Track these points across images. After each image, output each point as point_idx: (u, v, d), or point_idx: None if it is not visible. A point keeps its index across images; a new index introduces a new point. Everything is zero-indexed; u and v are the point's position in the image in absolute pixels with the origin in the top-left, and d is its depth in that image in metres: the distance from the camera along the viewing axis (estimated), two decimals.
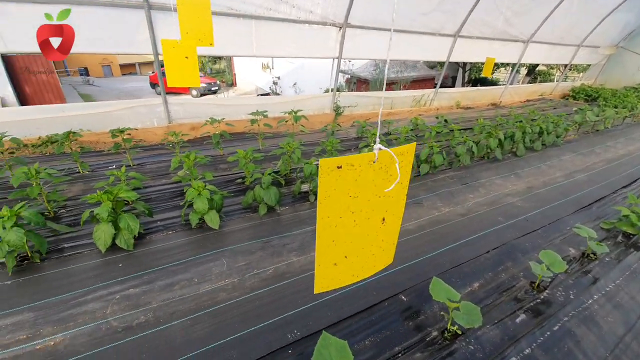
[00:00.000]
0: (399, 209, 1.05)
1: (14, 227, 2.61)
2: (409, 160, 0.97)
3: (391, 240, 1.11)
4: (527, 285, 2.85)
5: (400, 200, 1.04)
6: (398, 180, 0.89)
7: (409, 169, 0.98)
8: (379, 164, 0.89)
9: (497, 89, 11.94)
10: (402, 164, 0.95)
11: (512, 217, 3.98)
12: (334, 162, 0.81)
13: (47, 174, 3.38)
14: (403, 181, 1.00)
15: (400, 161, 0.94)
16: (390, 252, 1.15)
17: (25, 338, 2.20)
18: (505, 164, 5.82)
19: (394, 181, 0.91)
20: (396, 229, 1.10)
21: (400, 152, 0.92)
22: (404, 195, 1.04)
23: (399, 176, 0.88)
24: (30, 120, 5.16)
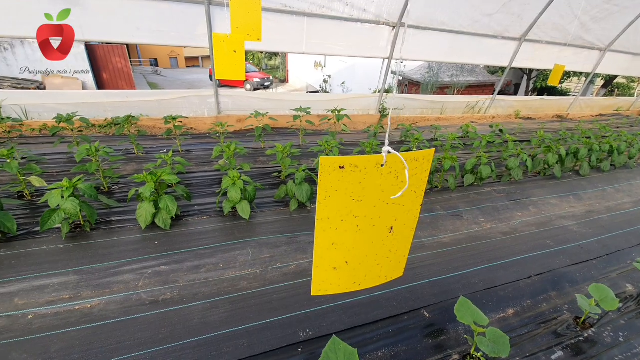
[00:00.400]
0: (410, 219, 0.97)
1: (71, 197, 2.90)
2: (424, 168, 0.88)
3: (401, 252, 1.03)
4: (571, 320, 2.53)
5: (412, 210, 0.95)
6: (406, 188, 0.81)
7: (424, 177, 0.90)
8: (387, 169, 0.82)
9: (564, 100, 10.84)
10: (416, 171, 0.87)
11: (564, 242, 3.57)
12: (336, 161, 0.76)
13: (105, 152, 3.72)
14: (416, 190, 0.91)
15: (413, 168, 0.86)
16: (399, 264, 1.07)
17: (68, 298, 2.44)
18: (564, 183, 5.25)
19: (401, 183, 0.83)
20: (407, 241, 1.02)
21: (414, 158, 0.84)
22: (417, 205, 0.96)
23: (407, 183, 0.80)
24: (99, 103, 5.73)
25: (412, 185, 0.89)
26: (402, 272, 1.11)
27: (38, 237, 3.01)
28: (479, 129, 7.39)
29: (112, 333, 2.17)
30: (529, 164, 4.90)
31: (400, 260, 1.06)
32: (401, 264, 1.08)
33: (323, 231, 0.86)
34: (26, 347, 2.03)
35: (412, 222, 0.98)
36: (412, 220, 0.98)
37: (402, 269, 1.10)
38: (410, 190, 0.89)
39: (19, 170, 3.42)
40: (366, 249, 0.95)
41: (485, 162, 4.56)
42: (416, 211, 0.97)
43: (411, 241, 1.03)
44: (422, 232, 3.58)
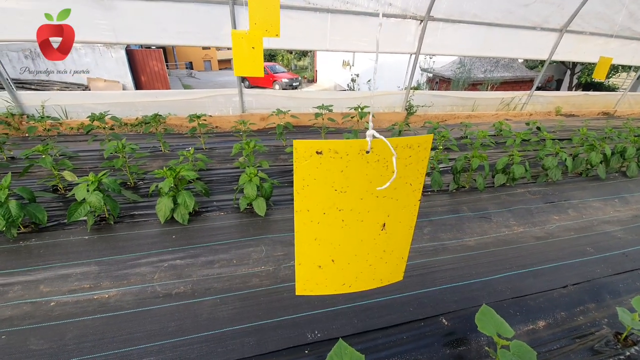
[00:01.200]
0: (407, 216, 0.86)
1: (96, 191, 3.02)
2: (421, 157, 0.77)
3: (397, 253, 0.92)
4: (611, 336, 2.25)
5: (408, 206, 0.84)
6: (394, 178, 0.70)
7: (421, 167, 0.79)
8: (374, 156, 0.72)
9: (611, 96, 9.94)
10: (411, 160, 0.76)
11: (606, 249, 3.22)
12: (313, 145, 0.68)
13: (131, 148, 3.85)
14: (412, 182, 0.80)
15: (407, 156, 0.75)
16: (396, 267, 0.95)
17: (88, 287, 2.53)
18: (608, 185, 4.77)
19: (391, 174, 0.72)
20: (404, 241, 0.90)
21: (407, 145, 0.73)
22: (414, 200, 0.84)
23: (395, 173, 0.69)
24: (131, 103, 6.00)
25: (406, 177, 0.78)
26: (401, 276, 0.99)
27: (67, 228, 3.17)
28: (514, 127, 6.94)
29: (125, 324, 2.21)
30: (569, 164, 4.50)
31: (397, 263, 0.95)
32: (399, 267, 0.96)
33: (303, 225, 0.77)
34: (44, 333, 2.11)
35: (408, 220, 0.87)
36: (408, 217, 0.86)
37: (401, 272, 0.99)
38: (404, 182, 0.78)
39: (53, 165, 3.63)
40: (355, 247, 0.85)
41: (518, 160, 4.24)
42: (413, 207, 0.85)
43: (410, 241, 0.92)
44: (444, 233, 3.37)
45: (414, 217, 0.87)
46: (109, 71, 15.33)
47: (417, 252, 3.06)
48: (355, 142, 0.68)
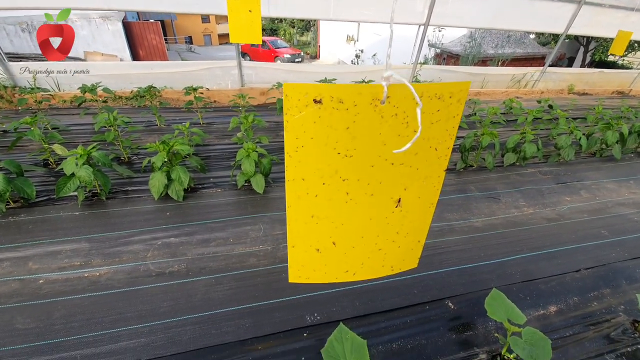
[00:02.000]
0: (428, 190, 0.68)
1: (85, 165, 2.86)
2: (452, 112, 0.59)
3: (413, 235, 0.76)
4: (628, 324, 2.14)
5: (430, 177, 0.67)
6: (417, 136, 0.52)
7: (451, 126, 0.61)
8: (391, 109, 0.54)
9: (627, 74, 9.50)
10: (440, 116, 0.58)
11: (622, 232, 3.07)
12: (309, 90, 0.50)
13: (123, 121, 3.66)
14: (438, 146, 0.63)
15: (434, 110, 0.57)
16: (411, 252, 0.79)
17: (79, 265, 2.42)
18: (624, 166, 4.56)
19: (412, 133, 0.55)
20: (422, 221, 0.73)
21: (435, 94, 0.55)
22: (439, 169, 0.67)
23: (418, 131, 0.52)
24: (125, 75, 5.73)
25: (430, 139, 0.60)
26: (416, 263, 0.84)
27: (57, 204, 3.03)
28: (525, 105, 6.63)
29: (115, 303, 2.11)
30: (584, 143, 4.28)
31: (412, 247, 0.78)
32: (414, 252, 0.80)
33: (297, 198, 0.61)
34: (31, 312, 2.02)
35: (430, 195, 0.70)
36: (430, 191, 0.69)
37: (417, 258, 0.83)
38: (428, 145, 0.61)
39: (42, 138, 3.45)
40: (362, 228, 0.68)
41: (530, 139, 4.02)
42: (437, 179, 0.68)
43: (429, 222, 0.75)
44: (451, 214, 3.22)
45: (436, 191, 0.70)
46: (106, 45, 14.84)
47: None
48: (367, 87, 0.51)
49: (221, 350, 1.84)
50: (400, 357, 1.86)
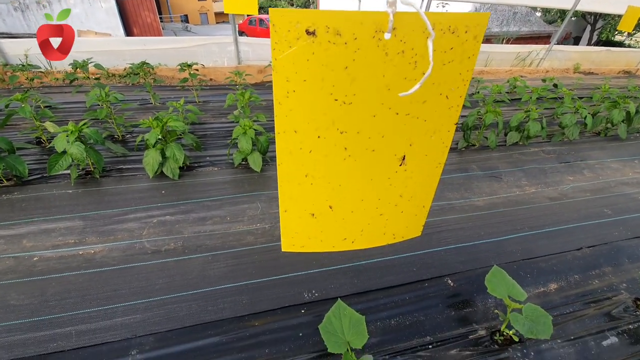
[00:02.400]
0: (436, 146, 0.61)
1: (77, 141, 2.78)
2: (468, 51, 0.51)
3: (418, 199, 0.69)
4: (629, 302, 2.12)
5: (439, 131, 0.59)
6: (427, 75, 0.45)
7: (466, 69, 0.53)
8: (397, 44, 0.46)
9: (634, 52, 9.26)
10: (453, 55, 0.50)
11: (625, 211, 3.02)
12: (300, 18, 0.42)
13: (115, 97, 3.54)
14: (449, 94, 0.55)
15: (447, 47, 0.49)
16: (415, 218, 0.73)
17: (73, 242, 2.38)
18: (629, 145, 4.48)
19: (421, 75, 0.47)
20: (428, 183, 0.66)
21: (448, 27, 0.47)
22: (449, 122, 0.59)
23: (430, 65, 0.44)
24: (118, 51, 5.55)
25: (441, 83, 0.52)
26: (420, 231, 0.77)
27: (50, 182, 2.97)
28: (529, 84, 6.46)
29: (110, 280, 2.08)
30: (589, 122, 4.18)
31: (416, 213, 0.72)
32: (418, 219, 0.74)
33: (289, 154, 0.54)
34: (25, 289, 1.99)
35: (438, 152, 0.62)
36: (438, 148, 0.61)
37: (421, 226, 0.76)
38: (438, 92, 0.53)
39: (33, 115, 3.35)
40: (362, 189, 0.62)
41: (534, 117, 3.92)
42: (447, 134, 0.60)
43: (436, 185, 0.68)
44: (452, 193, 3.17)
45: (445, 148, 0.62)
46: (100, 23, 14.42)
47: None
48: (369, 15, 0.42)
49: (218, 327, 1.82)
50: (398, 333, 1.84)
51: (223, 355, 1.69)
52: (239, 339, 1.77)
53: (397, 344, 1.79)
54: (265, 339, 1.77)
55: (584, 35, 16.81)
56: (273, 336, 1.79)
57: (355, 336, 1.52)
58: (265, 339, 1.77)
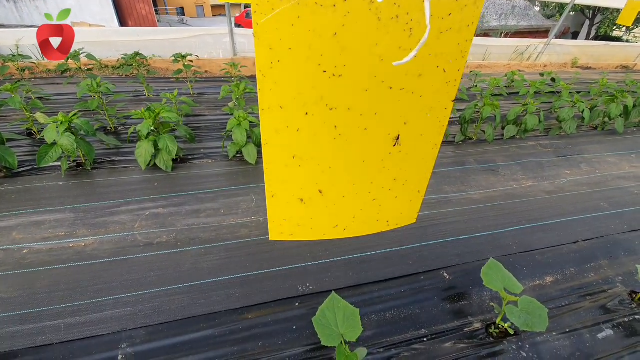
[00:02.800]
0: (432, 125, 0.57)
1: (67, 132, 2.71)
2: (467, 19, 0.46)
3: (413, 183, 0.65)
4: (625, 295, 2.11)
5: (436, 108, 0.55)
6: (424, 41, 0.41)
7: (464, 39, 0.48)
8: (391, 6, 0.42)
9: (632, 47, 9.25)
10: (451, 23, 0.46)
11: (621, 205, 3.02)
12: None
13: (106, 88, 3.47)
14: (447, 67, 0.51)
15: (445, 14, 0.45)
16: (409, 203, 0.69)
17: (63, 235, 2.33)
18: (626, 139, 4.47)
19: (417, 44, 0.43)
20: (424, 165, 0.62)
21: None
22: (447, 98, 0.55)
23: (427, 31, 0.40)
24: (111, 42, 5.44)
25: (438, 54, 0.48)
26: (414, 218, 0.74)
27: (41, 174, 2.91)
28: (528, 78, 6.44)
29: (101, 273, 2.04)
30: (586, 116, 4.16)
31: (411, 198, 0.68)
32: (413, 205, 0.70)
33: (275, 132, 0.50)
34: (14, 281, 1.95)
35: (434, 132, 0.58)
36: (435, 127, 0.57)
37: (416, 212, 0.73)
38: (435, 63, 0.49)
39: (23, 106, 3.28)
40: (353, 172, 0.58)
41: (532, 110, 3.89)
42: (444, 112, 0.56)
43: (432, 167, 0.65)
44: (449, 186, 3.14)
45: (442, 128, 0.58)
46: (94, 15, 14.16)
47: None
48: None
49: (210, 320, 1.79)
50: (393, 326, 1.82)
51: (215, 349, 1.66)
52: (232, 332, 1.74)
53: (392, 336, 1.77)
54: (259, 332, 1.75)
55: (582, 30, 16.77)
56: (266, 329, 1.77)
57: (349, 329, 1.50)
58: (258, 332, 1.75)
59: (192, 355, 1.64)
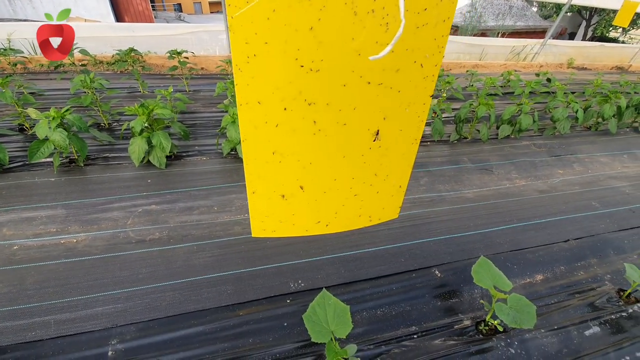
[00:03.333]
0: (411, 120, 0.57)
1: (59, 128, 2.69)
2: (443, 13, 0.47)
3: (394, 178, 0.65)
4: (613, 293, 2.14)
5: (414, 103, 0.55)
6: (399, 35, 0.41)
7: (440, 34, 0.49)
8: (366, 0, 0.42)
9: (627, 49, 9.32)
10: (427, 18, 0.46)
11: (612, 204, 3.05)
12: None
13: (100, 84, 3.45)
14: (424, 61, 0.51)
15: (423, 9, 0.45)
16: (391, 198, 0.69)
17: (55, 231, 2.32)
18: (619, 140, 4.51)
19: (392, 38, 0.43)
20: (404, 160, 0.63)
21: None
22: (425, 93, 0.56)
23: (402, 25, 0.40)
24: (106, 38, 5.40)
25: (415, 49, 0.48)
26: (397, 213, 0.75)
27: (32, 169, 2.89)
28: (523, 78, 6.47)
29: (92, 269, 2.03)
30: (580, 116, 4.19)
31: (393, 193, 0.68)
32: (395, 199, 0.71)
33: (254, 128, 0.50)
34: (4, 277, 1.93)
35: (414, 127, 0.58)
36: (414, 122, 0.58)
37: (398, 207, 0.73)
38: (412, 58, 0.49)
39: (15, 101, 3.25)
40: (334, 168, 0.58)
41: (526, 110, 3.91)
42: (422, 107, 0.57)
43: (412, 162, 0.65)
44: (442, 185, 3.16)
45: (421, 123, 0.59)
46: (89, 10, 14.02)
47: (412, 202, 2.86)
48: None
49: (201, 316, 1.79)
50: (384, 323, 1.84)
51: (206, 345, 1.66)
52: (223, 328, 1.74)
53: (382, 333, 1.78)
54: (249, 329, 1.75)
55: (579, 31, 16.86)
56: (257, 326, 1.77)
57: (340, 326, 1.50)
58: (249, 329, 1.75)
59: (182, 351, 1.64)
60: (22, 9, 12.26)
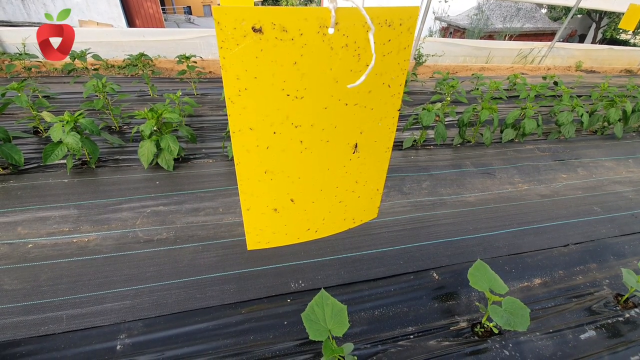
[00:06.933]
0: (383, 132, 0.64)
1: (72, 131, 2.81)
2: (403, 42, 0.53)
3: (372, 183, 0.72)
4: (611, 297, 2.16)
5: (385, 118, 0.62)
6: (371, 67, 0.47)
7: (403, 59, 0.55)
8: (341, 38, 0.49)
9: (636, 52, 9.18)
10: (391, 47, 0.53)
11: (614, 209, 3.05)
12: (246, 16, 0.44)
13: (111, 88, 3.57)
14: (391, 82, 0.58)
15: (385, 40, 0.52)
16: (371, 201, 0.76)
17: (67, 230, 2.43)
18: (624, 145, 4.48)
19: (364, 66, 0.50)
20: (380, 167, 0.70)
21: (385, 20, 0.50)
22: (393, 109, 0.62)
23: (373, 57, 0.46)
24: (117, 42, 5.55)
25: (383, 73, 0.55)
26: (376, 213, 0.81)
27: (46, 171, 3.02)
28: (530, 81, 6.45)
29: (102, 267, 2.13)
30: (585, 120, 4.18)
31: (372, 196, 0.75)
32: (374, 202, 0.77)
33: (247, 152, 0.57)
34: (19, 274, 2.04)
35: (385, 138, 0.65)
36: (385, 134, 0.65)
37: (376, 208, 0.80)
38: (381, 81, 0.56)
39: (30, 105, 3.38)
40: (320, 180, 0.65)
41: (530, 114, 3.92)
42: (391, 120, 0.64)
43: (386, 168, 0.72)
44: (444, 188, 3.20)
45: (391, 134, 0.65)
46: (101, 13, 14.34)
47: (413, 205, 2.90)
48: (312, 11, 0.45)
49: (205, 313, 1.87)
50: (381, 324, 1.89)
51: (209, 341, 1.74)
52: (225, 325, 1.82)
53: (379, 333, 1.83)
54: (251, 327, 1.82)
55: (589, 33, 16.64)
56: (258, 324, 1.84)
57: (337, 325, 1.56)
58: (250, 327, 1.82)
59: (187, 346, 1.72)
60: (36, 13, 12.61)
